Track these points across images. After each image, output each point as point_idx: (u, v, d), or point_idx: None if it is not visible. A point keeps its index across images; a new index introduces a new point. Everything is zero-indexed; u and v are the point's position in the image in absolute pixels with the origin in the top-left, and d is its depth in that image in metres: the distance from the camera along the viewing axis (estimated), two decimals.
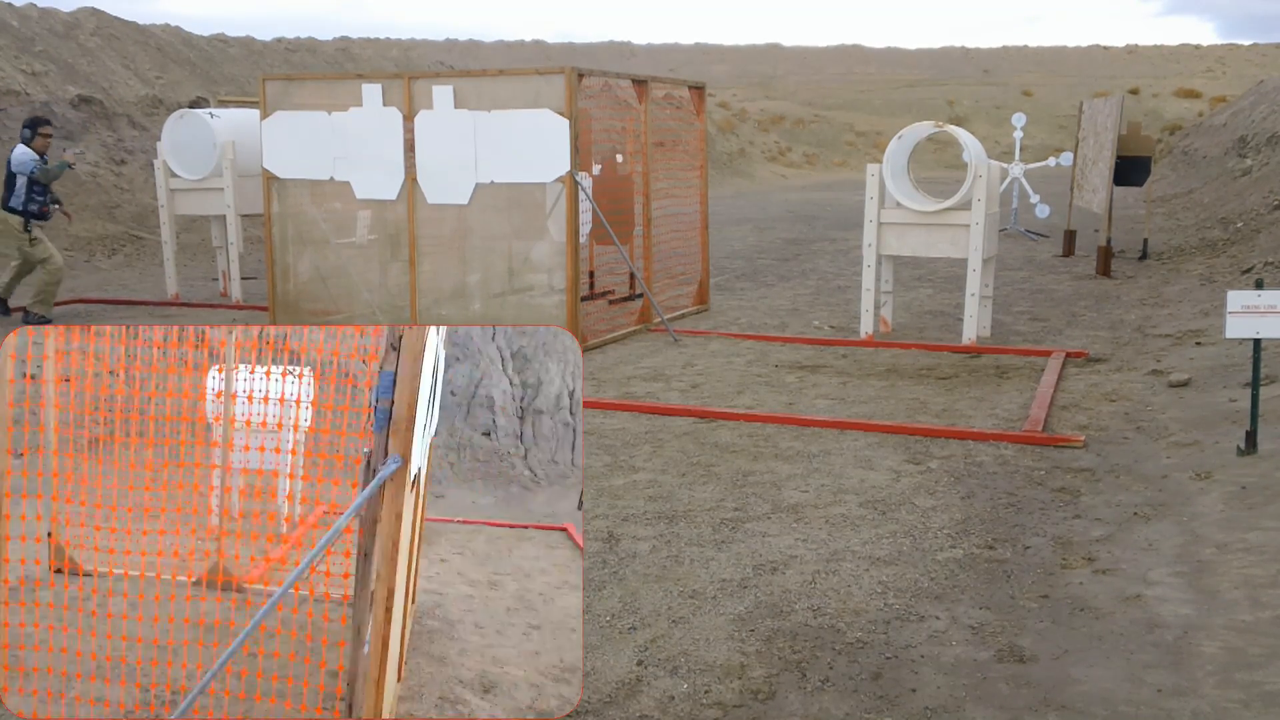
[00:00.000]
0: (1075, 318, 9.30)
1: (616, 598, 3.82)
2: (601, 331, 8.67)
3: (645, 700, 3.12)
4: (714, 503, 4.81)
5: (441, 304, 8.62)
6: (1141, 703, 3.03)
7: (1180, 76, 47.45)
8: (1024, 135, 16.37)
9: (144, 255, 13.89)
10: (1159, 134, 28.12)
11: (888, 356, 7.90)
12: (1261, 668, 3.15)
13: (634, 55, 60.87)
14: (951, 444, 5.66)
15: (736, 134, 33.70)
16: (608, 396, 6.74)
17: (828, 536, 4.39)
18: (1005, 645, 3.42)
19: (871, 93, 45.39)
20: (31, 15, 17.71)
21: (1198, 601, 3.67)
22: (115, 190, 15.11)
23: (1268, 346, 6.54)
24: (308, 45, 26.46)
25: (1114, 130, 11.72)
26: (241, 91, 18.64)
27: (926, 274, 11.86)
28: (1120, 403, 6.41)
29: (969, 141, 8.41)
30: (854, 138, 38.80)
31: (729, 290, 11.12)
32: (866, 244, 8.31)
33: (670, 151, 9.79)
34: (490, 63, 46.64)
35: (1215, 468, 5.03)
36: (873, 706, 3.07)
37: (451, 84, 8.26)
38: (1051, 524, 4.51)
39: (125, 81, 17.46)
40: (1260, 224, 12.50)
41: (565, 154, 7.83)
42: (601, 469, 5.30)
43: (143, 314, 10.21)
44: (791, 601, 3.77)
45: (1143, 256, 12.48)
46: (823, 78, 51.03)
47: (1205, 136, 23.91)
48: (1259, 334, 5.00)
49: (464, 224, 8.38)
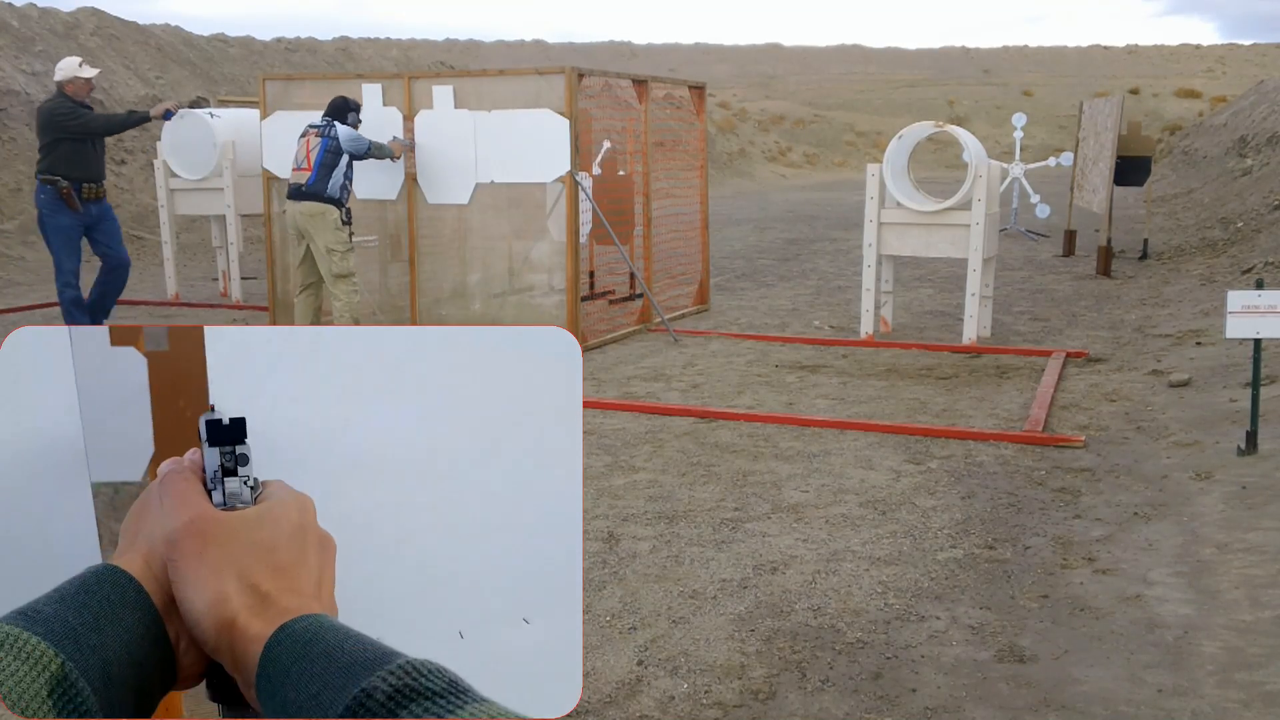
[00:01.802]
0: (1075, 318, 9.30)
1: (616, 598, 3.82)
2: (601, 331, 8.67)
3: (645, 700, 3.12)
4: (714, 503, 4.81)
5: (441, 304, 8.62)
6: (1141, 703, 3.03)
7: (1180, 76, 47.45)
8: (1024, 135, 16.36)
9: (144, 255, 13.88)
10: (1159, 134, 28.12)
11: (888, 356, 7.90)
12: (1261, 668, 3.15)
13: (634, 55, 60.86)
14: (952, 444, 5.66)
15: (736, 134, 33.70)
16: (608, 396, 6.74)
17: (828, 536, 4.39)
18: (1005, 645, 3.42)
19: (871, 93, 45.39)
20: (31, 15, 17.71)
21: (1198, 601, 3.67)
22: (115, 190, 15.10)
23: (1268, 346, 6.54)
24: (308, 45, 26.45)
25: (1114, 130, 11.72)
26: (241, 91, 18.64)
27: (926, 274, 11.86)
28: (1120, 403, 6.41)
29: (969, 141, 8.41)
30: (854, 138, 38.79)
31: (729, 290, 11.12)
32: (866, 244, 8.31)
33: (670, 151, 9.79)
34: (490, 63, 46.62)
35: (1215, 468, 5.03)
36: (873, 706, 3.07)
37: (451, 84, 8.26)
38: (1051, 524, 4.51)
39: (125, 81, 17.46)
40: (1260, 224, 12.50)
41: (565, 154, 7.83)
42: (601, 469, 5.30)
43: (143, 314, 10.21)
44: (791, 601, 3.77)
45: (1143, 256, 12.47)
46: (823, 78, 51.02)
47: (1205, 136, 23.91)
48: (1259, 334, 4.99)
49: (464, 224, 8.38)
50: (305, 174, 7.54)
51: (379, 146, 7.81)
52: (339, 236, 7.61)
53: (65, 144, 7.92)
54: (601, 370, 7.52)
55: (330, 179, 7.53)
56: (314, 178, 7.51)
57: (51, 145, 7.97)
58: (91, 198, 8.07)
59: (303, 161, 7.58)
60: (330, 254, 7.60)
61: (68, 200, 7.94)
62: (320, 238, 7.56)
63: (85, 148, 8.01)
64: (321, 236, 7.56)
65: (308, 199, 7.50)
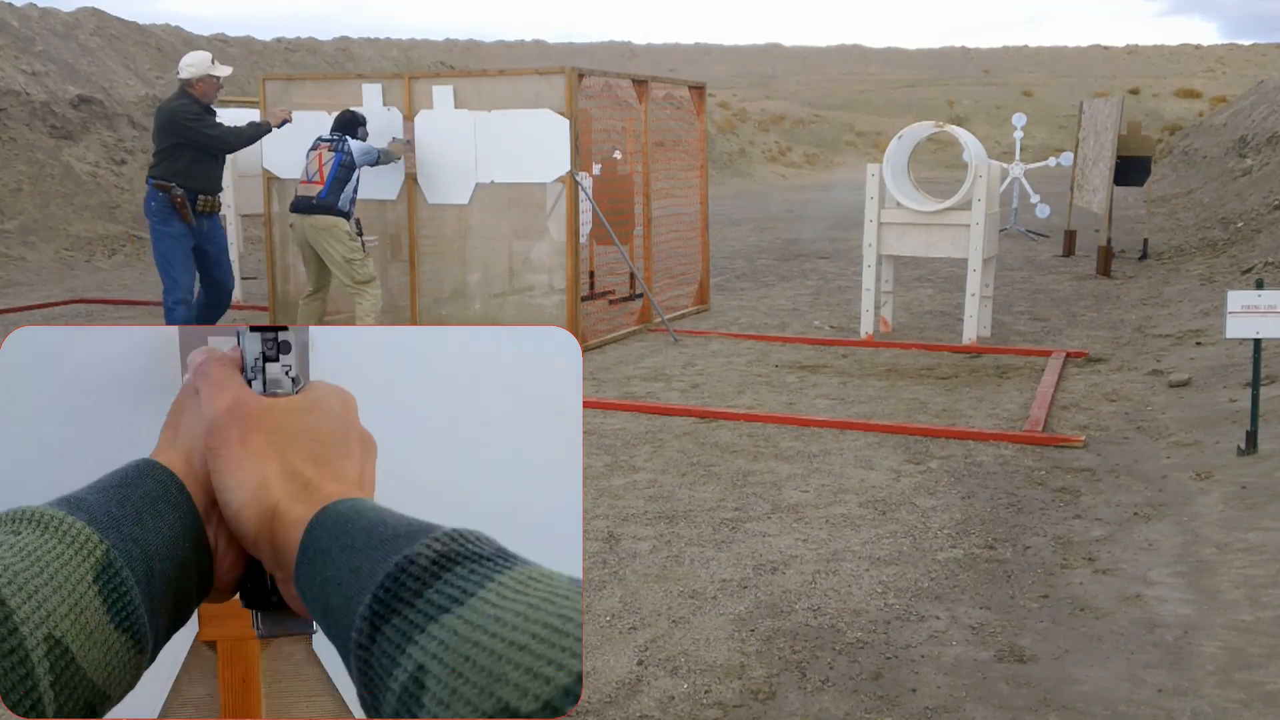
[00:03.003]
0: (1075, 318, 9.30)
1: (616, 597, 3.82)
2: (601, 331, 8.67)
3: (645, 700, 3.12)
4: (714, 503, 4.81)
5: (441, 304, 8.62)
6: (1141, 703, 3.03)
7: (1180, 76, 47.45)
8: (1024, 135, 16.37)
9: (144, 255, 13.88)
10: (1159, 134, 28.11)
11: (888, 356, 7.90)
12: (1261, 668, 3.15)
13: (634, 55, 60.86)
14: (951, 444, 5.66)
15: (736, 134, 33.70)
16: (608, 396, 6.74)
17: (828, 536, 4.39)
18: (1005, 645, 3.42)
19: (871, 93, 45.39)
20: (31, 15, 17.71)
21: (1198, 601, 3.67)
22: (115, 190, 15.11)
23: (1268, 346, 6.54)
24: (308, 45, 26.44)
25: (1114, 130, 11.72)
26: (241, 91, 18.63)
27: (926, 274, 11.86)
28: (1120, 403, 6.41)
29: (969, 141, 8.41)
30: (854, 138, 38.80)
31: (729, 290, 11.12)
32: (866, 244, 8.31)
33: (670, 151, 9.79)
34: (490, 63, 46.63)
35: (1215, 468, 5.03)
36: (873, 706, 3.07)
37: (451, 84, 8.26)
38: (1051, 524, 4.51)
39: (125, 81, 17.46)
40: (1260, 224, 12.50)
41: (565, 154, 7.83)
42: (601, 469, 5.30)
43: (143, 314, 10.21)
44: (791, 601, 3.77)
45: (1143, 256, 12.47)
46: (823, 78, 51.02)
47: (1205, 136, 23.91)
48: (1259, 334, 5.00)
49: (464, 224, 8.38)
50: (317, 187, 7.53)
51: (385, 153, 7.87)
52: (353, 246, 7.64)
53: (186, 151, 7.34)
54: (601, 370, 7.52)
55: (342, 193, 7.55)
56: (326, 191, 7.51)
57: (170, 150, 7.35)
58: (206, 210, 7.50)
59: (314, 175, 7.56)
60: (350, 264, 7.62)
61: (180, 210, 7.31)
62: (335, 250, 7.59)
63: (207, 156, 7.47)
64: (336, 249, 7.59)
65: (318, 212, 7.51)
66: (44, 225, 13.64)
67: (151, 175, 7.41)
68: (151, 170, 7.45)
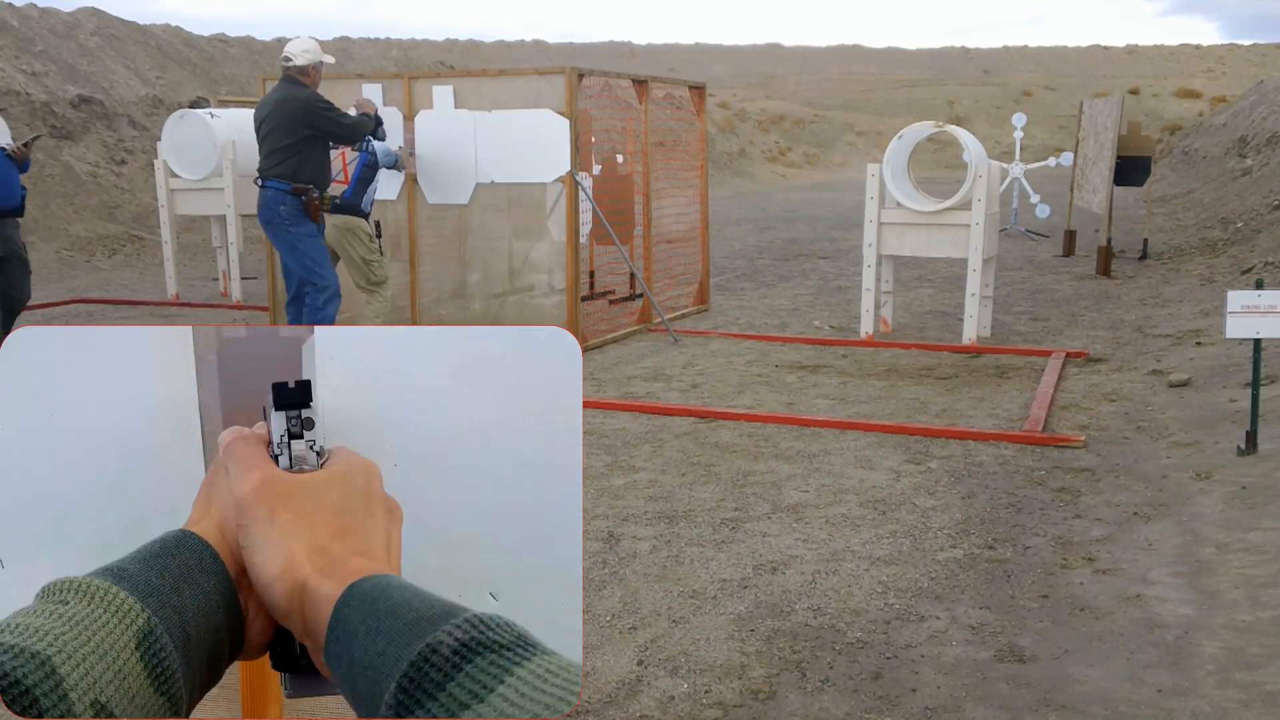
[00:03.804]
0: (1075, 318, 9.30)
1: (616, 597, 3.82)
2: (602, 331, 8.68)
3: (645, 700, 3.12)
4: (714, 503, 4.81)
5: (441, 304, 8.62)
6: (1141, 703, 3.03)
7: (1180, 76, 47.44)
8: (1024, 135, 16.37)
9: (144, 255, 13.89)
10: (1159, 134, 28.11)
11: (888, 356, 7.90)
12: (1261, 668, 3.15)
13: (634, 55, 60.83)
14: (951, 444, 5.66)
15: (736, 134, 33.70)
16: (608, 396, 6.74)
17: (828, 536, 4.39)
18: (1005, 645, 3.42)
19: (871, 93, 45.40)
20: (31, 15, 17.71)
21: (1198, 601, 3.67)
22: (115, 190, 15.11)
23: (1268, 346, 6.54)
24: None
25: (1114, 130, 11.72)
26: (241, 91, 18.65)
27: (926, 274, 11.86)
28: (1120, 403, 6.41)
29: (969, 141, 8.41)
30: (854, 138, 38.80)
31: (729, 290, 11.13)
32: (866, 244, 8.31)
33: (670, 151, 9.79)
34: (490, 63, 46.62)
35: (1215, 468, 5.03)
36: (873, 706, 3.07)
37: (451, 84, 8.26)
38: (1051, 524, 4.51)
39: (125, 81, 17.46)
40: (1260, 224, 12.50)
41: (565, 154, 7.83)
42: (601, 469, 5.30)
43: (143, 314, 10.22)
44: (791, 601, 3.77)
45: (1143, 256, 12.47)
46: (823, 78, 51.01)
47: (1205, 136, 23.91)
48: (1259, 334, 5.00)
49: (464, 224, 8.38)
50: (341, 187, 7.55)
51: (399, 157, 7.97)
52: (371, 247, 7.70)
53: (318, 145, 6.90)
54: (601, 370, 7.52)
55: (365, 193, 7.59)
56: (350, 191, 7.54)
57: (299, 145, 6.81)
58: (326, 209, 7.17)
59: (339, 174, 7.57)
60: (368, 265, 7.69)
61: (312, 213, 6.91)
62: (355, 250, 7.64)
63: (328, 151, 7.07)
64: (356, 249, 7.64)
65: (341, 212, 7.51)
66: (44, 225, 13.64)
67: (278, 175, 6.83)
68: (275, 169, 6.83)
